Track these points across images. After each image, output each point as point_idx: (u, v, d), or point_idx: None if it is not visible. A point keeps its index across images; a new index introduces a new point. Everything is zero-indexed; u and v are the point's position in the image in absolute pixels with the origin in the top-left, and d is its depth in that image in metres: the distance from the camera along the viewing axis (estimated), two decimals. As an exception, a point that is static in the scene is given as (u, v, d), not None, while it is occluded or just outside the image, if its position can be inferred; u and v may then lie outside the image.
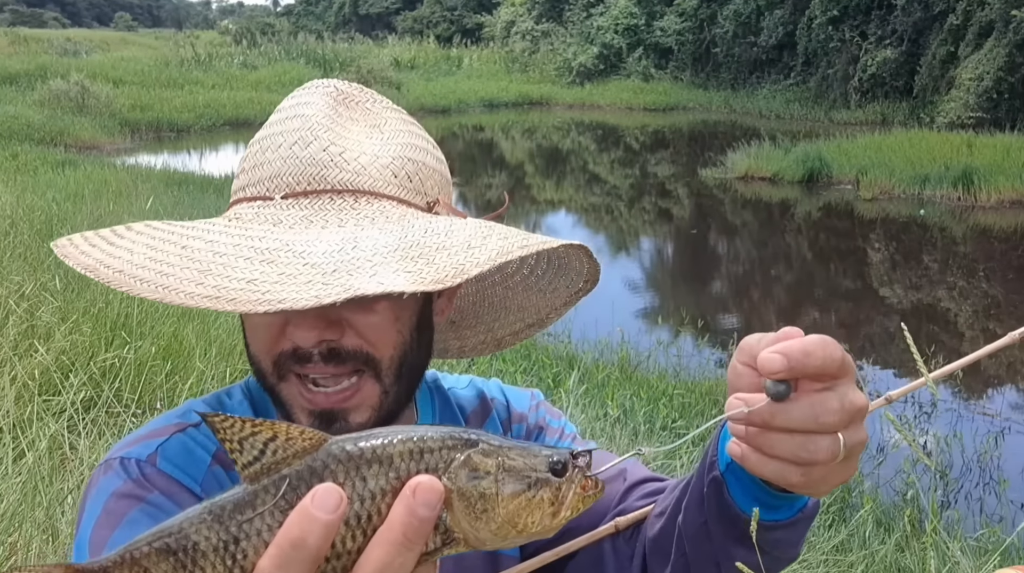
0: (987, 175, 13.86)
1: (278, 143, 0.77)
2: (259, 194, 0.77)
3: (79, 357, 3.88)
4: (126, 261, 0.69)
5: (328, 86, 0.83)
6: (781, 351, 0.57)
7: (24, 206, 7.96)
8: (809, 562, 3.36)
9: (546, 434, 0.98)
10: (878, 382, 6.96)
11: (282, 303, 0.62)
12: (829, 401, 0.57)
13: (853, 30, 25.91)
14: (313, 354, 0.75)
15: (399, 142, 0.80)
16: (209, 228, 0.73)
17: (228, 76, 28.04)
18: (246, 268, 0.66)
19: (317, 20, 60.53)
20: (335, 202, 0.75)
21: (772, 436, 0.58)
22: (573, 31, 35.97)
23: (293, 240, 0.70)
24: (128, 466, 0.76)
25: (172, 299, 0.64)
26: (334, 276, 0.65)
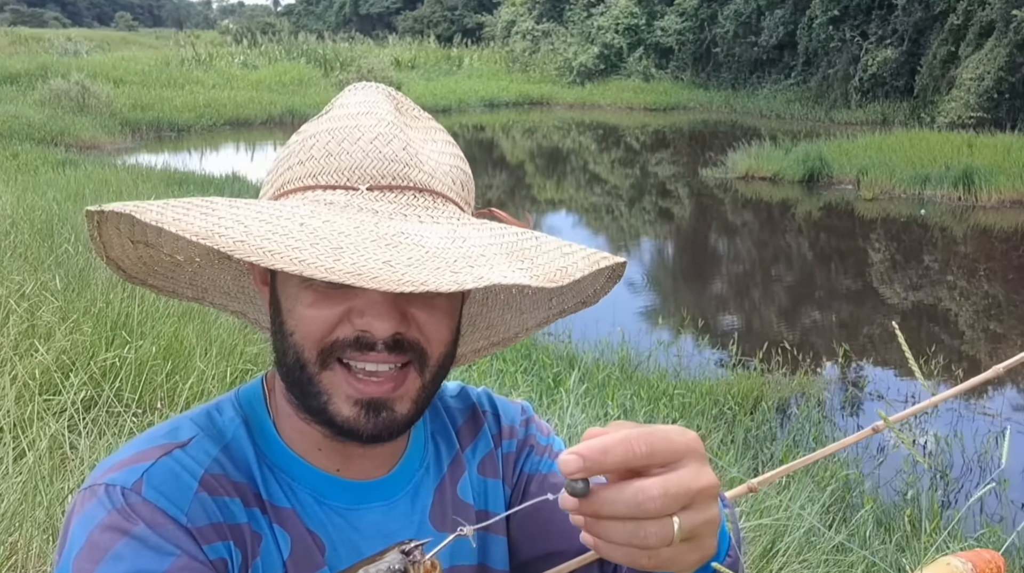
0: (988, 175, 13.86)
1: (356, 136, 0.78)
2: (340, 183, 0.77)
3: (79, 357, 3.88)
4: (243, 231, 0.67)
5: (384, 90, 0.84)
6: (576, 451, 0.57)
7: (24, 206, 7.97)
8: (809, 562, 3.36)
9: (535, 452, 0.96)
10: (878, 382, 6.96)
11: (426, 285, 0.63)
12: (649, 489, 0.57)
13: (854, 30, 25.91)
14: (378, 343, 0.75)
15: (450, 152, 0.84)
16: (313, 210, 0.73)
17: (228, 76, 28.05)
18: (376, 249, 0.67)
19: (317, 20, 60.53)
20: (419, 199, 0.77)
21: (605, 523, 0.59)
22: (574, 31, 35.97)
23: (405, 229, 0.71)
24: (113, 495, 0.74)
25: (313, 273, 0.63)
26: (458, 265, 0.67)
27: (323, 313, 0.76)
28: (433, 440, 0.93)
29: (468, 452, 0.94)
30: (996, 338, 8.24)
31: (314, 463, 0.83)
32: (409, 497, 0.87)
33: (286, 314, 0.79)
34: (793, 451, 5.10)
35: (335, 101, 0.84)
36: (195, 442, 0.80)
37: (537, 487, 0.94)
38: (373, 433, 0.78)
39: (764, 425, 5.61)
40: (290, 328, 0.78)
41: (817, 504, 3.99)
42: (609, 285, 0.89)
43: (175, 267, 0.90)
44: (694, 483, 0.59)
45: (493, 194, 17.51)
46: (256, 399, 0.86)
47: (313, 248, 0.66)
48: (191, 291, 0.94)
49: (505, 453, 0.96)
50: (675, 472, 0.58)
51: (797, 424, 5.85)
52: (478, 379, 4.95)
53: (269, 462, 0.83)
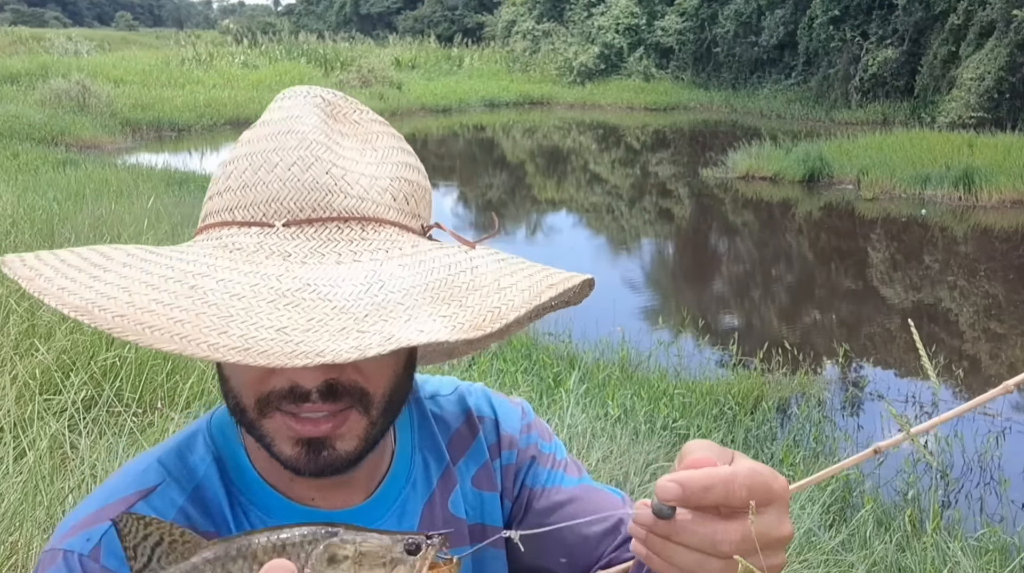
0: (988, 175, 13.86)
1: (273, 163, 0.71)
2: (254, 219, 0.70)
3: (80, 356, 3.88)
4: (125, 302, 0.61)
5: (314, 96, 0.77)
6: (679, 481, 0.58)
7: (25, 206, 7.97)
8: (810, 562, 3.35)
9: (537, 463, 0.93)
10: (878, 382, 6.96)
11: (322, 356, 0.57)
12: (732, 533, 0.58)
13: (854, 30, 25.90)
14: (311, 393, 0.70)
15: (393, 161, 0.76)
16: (213, 263, 0.66)
17: (229, 76, 28.04)
18: (272, 314, 0.61)
19: (318, 20, 60.53)
20: (343, 232, 0.69)
21: (671, 546, 0.59)
22: (574, 31, 35.95)
23: (313, 278, 0.64)
24: (71, 562, 0.72)
25: (194, 352, 0.58)
26: (368, 322, 0.61)
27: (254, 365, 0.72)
28: (420, 453, 0.88)
29: (461, 464, 0.90)
30: (996, 338, 8.23)
31: (288, 494, 0.80)
32: (395, 518, 0.84)
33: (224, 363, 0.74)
34: (794, 451, 5.10)
35: (263, 117, 0.77)
36: (160, 490, 0.77)
37: (538, 502, 0.91)
38: (315, 471, 0.74)
39: (764, 425, 5.61)
40: (226, 373, 0.74)
41: (817, 504, 3.99)
42: (587, 289, 0.82)
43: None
44: (775, 531, 0.59)
45: (494, 194, 17.51)
46: (229, 427, 0.83)
47: (198, 319, 0.60)
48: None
49: (504, 465, 0.92)
50: (760, 517, 0.59)
51: (797, 424, 5.85)
52: (478, 379, 4.94)
53: (243, 501, 0.80)
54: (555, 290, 0.71)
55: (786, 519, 0.61)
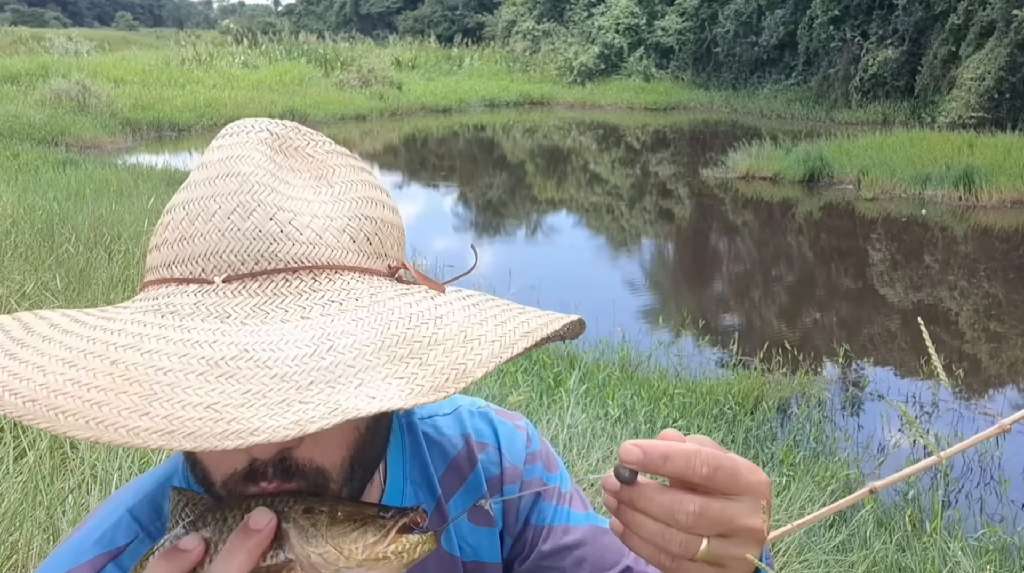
0: (988, 175, 13.86)
1: (211, 211, 0.64)
2: (192, 275, 0.63)
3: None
4: (38, 385, 0.54)
5: (260, 130, 0.70)
6: (641, 445, 0.58)
7: (25, 205, 7.97)
8: (810, 562, 3.36)
9: (543, 499, 0.88)
10: (878, 382, 6.96)
11: (255, 435, 0.51)
12: (686, 503, 0.58)
13: (854, 30, 25.91)
14: (268, 469, 0.63)
15: (352, 197, 0.68)
16: (139, 331, 0.59)
17: (229, 76, 28.04)
18: (200, 388, 0.54)
19: (318, 20, 60.53)
20: (291, 284, 0.62)
21: (637, 516, 0.59)
22: (574, 31, 35.97)
23: (252, 343, 0.57)
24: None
25: (112, 438, 0.51)
26: (311, 390, 0.54)
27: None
28: (412, 486, 0.83)
29: (456, 498, 0.85)
30: (997, 338, 8.23)
31: None
32: None
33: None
34: (794, 451, 5.10)
35: (203, 156, 0.70)
36: (132, 549, 0.71)
37: (545, 543, 0.87)
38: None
39: (764, 425, 5.61)
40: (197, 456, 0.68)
41: (817, 504, 3.99)
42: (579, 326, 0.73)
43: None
44: (738, 519, 0.59)
45: (494, 194, 17.51)
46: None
47: (117, 400, 0.53)
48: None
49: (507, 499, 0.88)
50: (723, 501, 0.59)
51: (797, 424, 5.85)
52: (478, 379, 4.95)
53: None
54: (530, 339, 0.64)
55: (758, 514, 0.60)
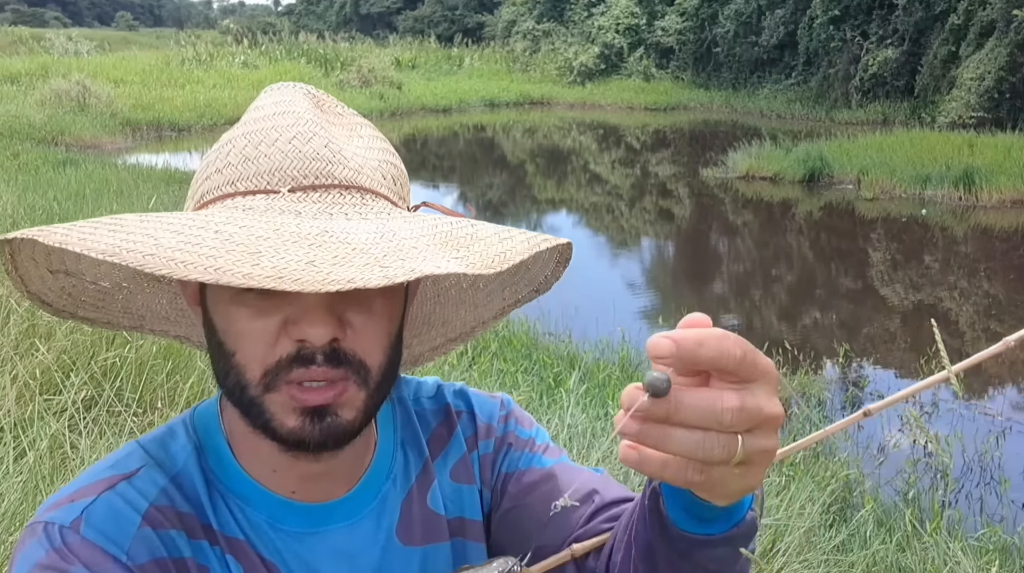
0: (988, 175, 13.86)
1: (273, 138, 0.74)
2: (259, 187, 0.73)
3: (80, 356, 3.88)
4: (152, 245, 0.63)
5: (301, 88, 0.80)
6: (671, 336, 0.54)
7: (25, 205, 7.98)
8: (810, 562, 3.36)
9: (513, 449, 0.93)
10: (879, 382, 6.96)
11: (352, 282, 0.60)
12: (731, 399, 0.55)
13: (854, 30, 25.91)
14: (317, 355, 0.71)
15: (377, 147, 0.80)
16: (230, 216, 0.68)
17: (229, 76, 28.04)
18: (299, 250, 0.63)
19: (318, 20, 60.56)
20: (344, 197, 0.73)
21: (672, 431, 0.55)
22: (574, 31, 35.98)
23: (329, 227, 0.68)
24: (51, 534, 0.71)
25: (230, 281, 0.59)
26: (387, 260, 0.64)
27: (259, 326, 0.72)
28: (402, 449, 0.89)
29: (439, 460, 0.91)
30: (997, 338, 8.12)
31: (269, 486, 0.80)
32: (375, 514, 0.85)
33: (223, 334, 0.75)
34: (794, 451, 5.10)
35: (252, 105, 0.80)
36: (143, 472, 0.77)
37: (514, 486, 0.91)
38: (320, 440, 0.74)
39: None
40: (230, 349, 0.74)
41: (817, 504, 3.99)
42: (560, 269, 0.86)
43: (104, 296, 0.85)
44: (767, 407, 0.57)
45: (494, 194, 17.51)
46: (211, 420, 0.83)
47: (229, 255, 0.62)
48: (127, 320, 0.89)
49: (482, 455, 0.93)
50: (751, 389, 0.56)
51: (798, 424, 5.85)
52: (479, 379, 4.96)
53: (222, 489, 0.80)
54: (548, 243, 0.75)
55: (776, 398, 0.58)
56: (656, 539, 0.70)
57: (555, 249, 0.82)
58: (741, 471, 0.58)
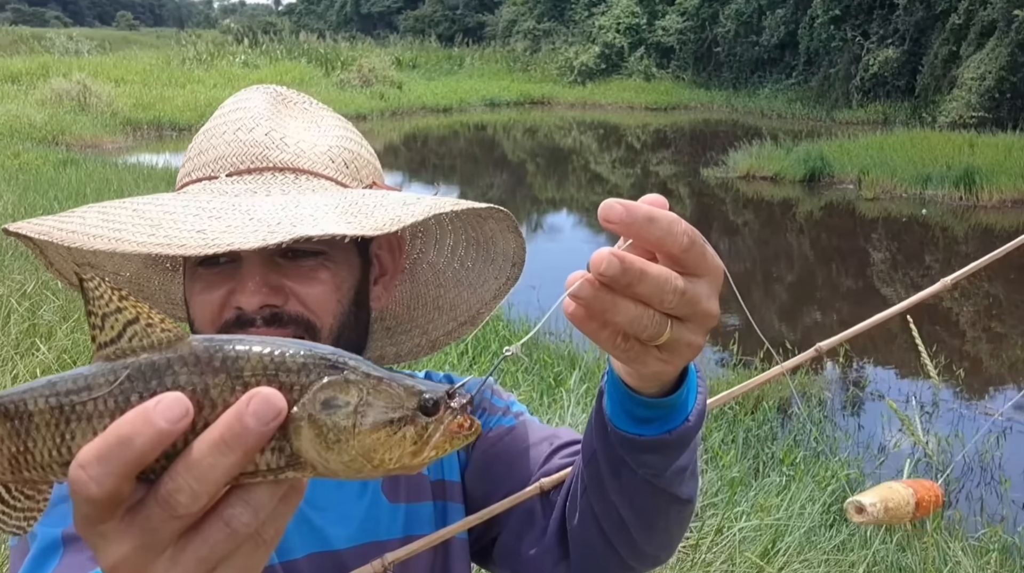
0: (989, 175, 13.85)
1: (222, 131, 0.83)
2: (205, 175, 0.82)
3: (81, 355, 3.89)
4: (79, 224, 0.73)
5: (268, 88, 0.88)
6: (624, 204, 0.54)
7: (26, 205, 7.98)
8: (810, 561, 3.36)
9: (487, 413, 0.98)
10: (879, 382, 6.96)
11: (231, 245, 0.67)
12: (675, 280, 0.55)
13: (855, 29, 25.90)
14: (256, 319, 0.78)
15: (335, 134, 0.86)
16: (159, 198, 0.78)
17: (230, 75, 28.03)
18: (195, 221, 0.71)
19: (319, 19, 60.54)
20: (277, 178, 0.80)
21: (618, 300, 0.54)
22: (575, 30, 35.97)
23: (239, 202, 0.75)
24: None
25: (124, 248, 0.68)
26: (279, 227, 0.69)
27: (208, 297, 0.81)
28: None
29: None
30: (997, 338, 8.23)
31: None
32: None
33: (188, 306, 0.84)
34: (794, 451, 5.10)
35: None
36: None
37: (482, 442, 0.96)
38: None
39: (765, 425, 5.60)
40: (191, 317, 0.84)
41: (818, 503, 3.99)
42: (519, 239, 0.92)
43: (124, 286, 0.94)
44: (705, 302, 0.57)
45: (494, 193, 17.51)
46: None
47: (134, 228, 0.70)
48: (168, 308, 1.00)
49: None
50: (693, 280, 0.56)
51: (798, 424, 5.85)
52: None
53: None
54: (457, 206, 0.77)
55: (715, 298, 0.58)
56: (599, 443, 0.72)
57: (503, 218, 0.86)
58: (662, 356, 0.58)
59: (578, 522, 0.79)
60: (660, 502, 0.73)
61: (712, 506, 3.69)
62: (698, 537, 3.41)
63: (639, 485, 0.71)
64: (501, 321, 6.55)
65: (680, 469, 0.72)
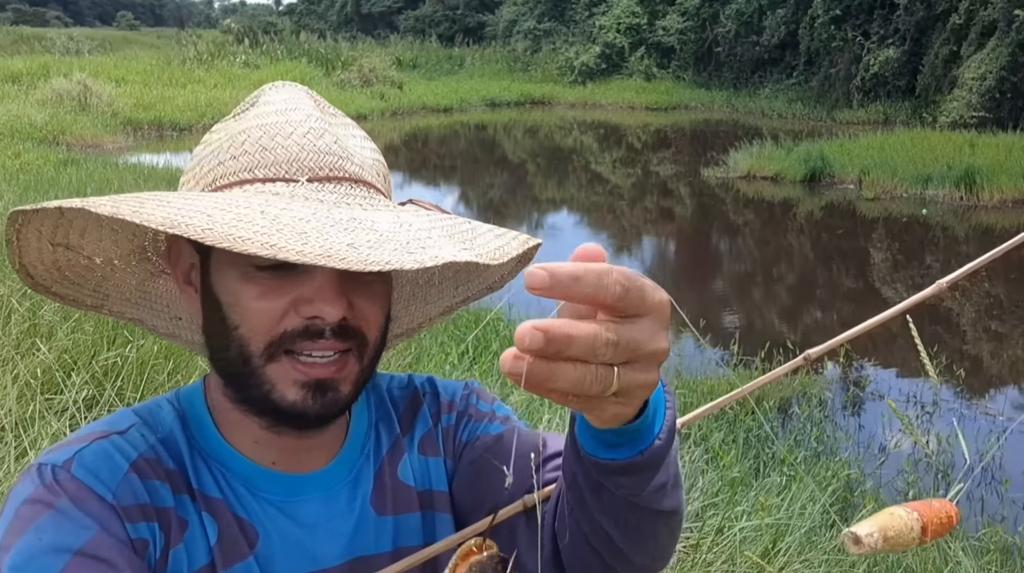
0: (989, 175, 13.85)
1: (288, 131, 0.80)
2: (279, 175, 0.78)
3: (81, 356, 3.88)
4: (207, 219, 0.68)
5: (301, 87, 0.87)
6: (547, 268, 0.52)
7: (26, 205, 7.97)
8: (810, 561, 3.36)
9: (473, 420, 0.97)
10: (879, 382, 6.96)
11: (390, 264, 0.67)
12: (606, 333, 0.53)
13: (855, 29, 25.89)
14: (326, 330, 0.78)
15: (369, 146, 0.86)
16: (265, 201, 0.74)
17: (230, 75, 28.03)
18: (337, 233, 0.69)
19: (319, 19, 60.52)
20: (355, 189, 0.80)
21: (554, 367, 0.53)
22: (575, 30, 35.98)
23: (354, 215, 0.74)
24: (43, 472, 0.76)
25: (287, 256, 0.65)
26: (411, 247, 0.70)
27: (270, 305, 0.78)
28: (376, 428, 0.94)
29: (408, 436, 0.96)
30: (998, 337, 8.23)
31: (249, 456, 0.85)
32: (349, 486, 0.89)
33: (228, 309, 0.79)
34: (795, 451, 5.10)
35: (258, 99, 0.85)
36: (134, 429, 0.82)
37: (469, 452, 0.95)
38: (320, 413, 0.80)
39: (765, 425, 5.61)
40: (234, 322, 0.79)
41: (818, 504, 3.99)
42: (519, 268, 0.91)
43: (84, 273, 0.89)
44: (648, 343, 0.56)
45: (495, 193, 17.51)
46: (195, 396, 0.88)
47: (279, 234, 0.67)
48: (91, 299, 0.93)
49: (445, 427, 0.97)
50: (631, 324, 0.55)
51: (799, 424, 5.85)
52: (480, 378, 4.96)
53: (204, 453, 0.85)
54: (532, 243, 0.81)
55: (663, 334, 0.57)
56: (576, 467, 0.72)
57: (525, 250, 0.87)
58: (618, 400, 0.58)
59: (569, 540, 0.78)
60: (645, 518, 0.72)
61: (712, 506, 3.69)
62: (698, 537, 3.41)
63: (621, 504, 0.71)
64: (502, 321, 6.55)
65: (659, 486, 0.71)
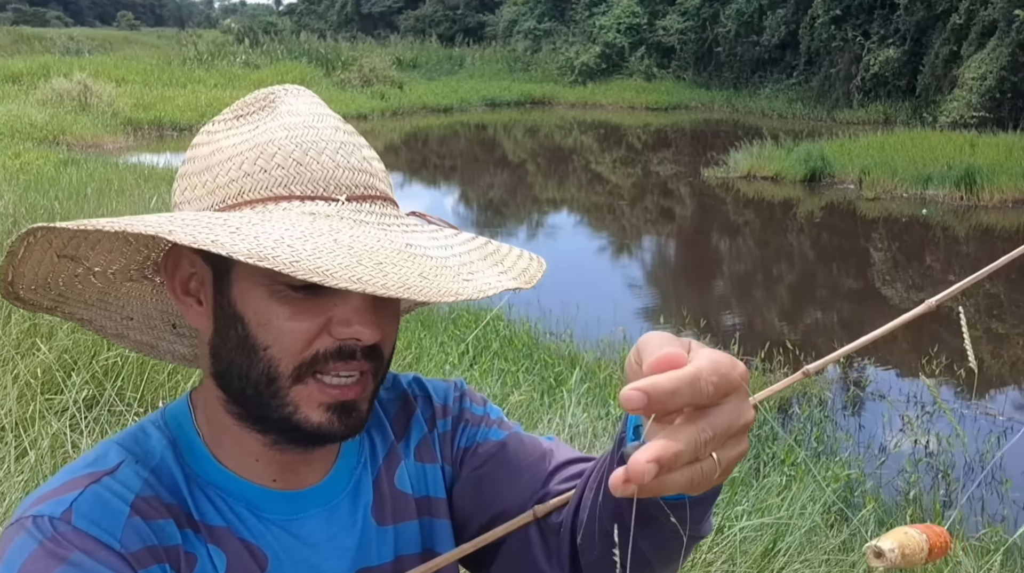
0: (990, 174, 13.85)
1: (320, 147, 0.78)
2: (317, 194, 0.77)
3: (81, 355, 3.88)
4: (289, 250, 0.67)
5: (314, 95, 0.86)
6: (643, 389, 0.53)
7: (27, 205, 7.97)
8: (811, 562, 3.36)
9: (469, 425, 0.97)
10: (880, 382, 6.96)
11: (458, 294, 0.69)
12: (704, 433, 0.55)
13: (856, 29, 25.88)
14: (357, 351, 0.78)
15: (376, 157, 0.85)
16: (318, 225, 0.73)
17: (230, 75, 28.05)
18: (409, 265, 0.70)
19: (319, 19, 60.49)
20: (386, 209, 0.80)
21: (666, 478, 0.55)
22: (575, 30, 35.96)
23: (407, 241, 0.75)
24: (41, 525, 0.71)
25: (373, 290, 0.66)
26: (461, 274, 0.72)
27: (304, 325, 0.76)
28: (368, 435, 0.93)
29: (403, 442, 0.95)
30: (998, 338, 8.23)
31: (248, 476, 0.83)
32: (350, 497, 0.88)
33: (256, 328, 0.77)
34: (795, 451, 5.10)
35: (275, 105, 0.83)
36: (123, 467, 0.78)
37: (471, 458, 0.94)
38: (344, 433, 0.80)
39: (766, 425, 5.60)
40: (264, 342, 0.77)
41: (819, 504, 3.99)
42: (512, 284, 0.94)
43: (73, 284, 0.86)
44: (739, 421, 0.58)
45: (495, 194, 17.52)
46: (183, 416, 0.85)
47: (359, 266, 0.67)
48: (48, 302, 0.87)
49: (441, 433, 0.96)
50: (720, 409, 0.57)
51: (799, 424, 5.85)
52: (480, 378, 4.96)
53: (200, 481, 0.82)
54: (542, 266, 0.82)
55: (748, 404, 0.59)
56: (625, 501, 0.71)
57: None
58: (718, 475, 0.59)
59: (597, 558, 0.79)
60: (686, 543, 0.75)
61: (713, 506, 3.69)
62: (699, 537, 3.40)
63: (668, 534, 0.72)
64: (502, 321, 6.55)
65: (707, 515, 0.74)
